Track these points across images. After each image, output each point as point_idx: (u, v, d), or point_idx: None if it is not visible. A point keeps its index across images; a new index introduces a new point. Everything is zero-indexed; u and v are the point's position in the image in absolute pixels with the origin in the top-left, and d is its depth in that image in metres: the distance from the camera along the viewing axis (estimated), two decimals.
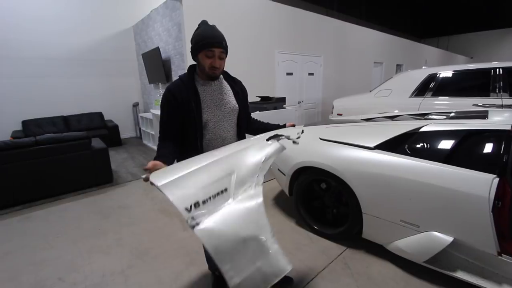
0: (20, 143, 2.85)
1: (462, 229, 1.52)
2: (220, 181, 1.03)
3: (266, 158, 1.15)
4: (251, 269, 0.96)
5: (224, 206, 1.00)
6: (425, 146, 1.73)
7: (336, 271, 1.80)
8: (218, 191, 1.01)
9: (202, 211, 0.95)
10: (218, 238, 0.94)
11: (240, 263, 0.95)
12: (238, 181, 1.07)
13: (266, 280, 0.98)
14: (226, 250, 0.94)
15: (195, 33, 1.19)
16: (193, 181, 0.99)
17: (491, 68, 3.35)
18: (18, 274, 1.85)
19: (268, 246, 1.01)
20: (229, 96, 1.33)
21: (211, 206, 0.97)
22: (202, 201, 0.96)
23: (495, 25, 14.67)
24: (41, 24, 4.92)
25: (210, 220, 0.95)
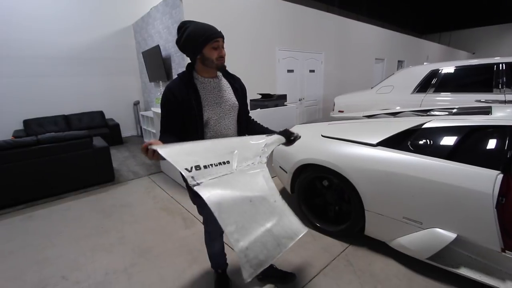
0: (21, 142, 2.85)
1: (466, 225, 1.51)
2: (223, 155, 1.02)
3: (267, 144, 1.19)
4: (260, 232, 0.88)
5: (226, 174, 0.97)
6: (428, 142, 1.72)
7: (339, 268, 1.80)
8: (220, 161, 0.99)
9: (203, 173, 0.92)
10: (221, 196, 0.89)
11: (246, 224, 0.87)
12: (240, 158, 1.06)
13: (279, 244, 0.89)
14: (230, 208, 0.87)
15: (189, 32, 1.16)
16: (195, 151, 0.98)
17: (494, 64, 3.32)
18: (22, 273, 1.86)
19: (280, 207, 0.94)
20: (228, 93, 1.33)
21: (213, 171, 0.95)
22: (204, 165, 0.94)
23: (497, 20, 14.54)
24: (41, 23, 4.90)
25: (212, 183, 0.91)
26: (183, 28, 1.19)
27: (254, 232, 0.88)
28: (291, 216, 0.97)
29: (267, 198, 0.96)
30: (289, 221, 0.96)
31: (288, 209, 0.98)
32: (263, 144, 1.17)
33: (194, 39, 1.15)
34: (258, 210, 0.92)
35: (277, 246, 0.89)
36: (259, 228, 0.90)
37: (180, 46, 1.21)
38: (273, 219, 0.93)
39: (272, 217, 0.93)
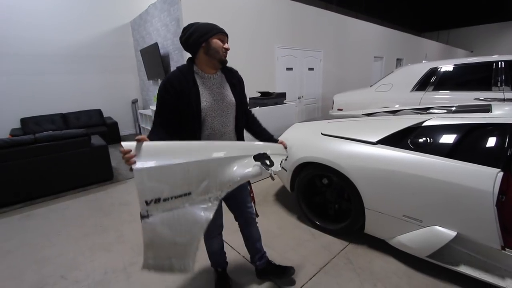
0: (19, 141, 2.83)
1: (465, 223, 1.51)
2: (190, 184, 1.09)
3: (240, 179, 1.18)
4: (165, 261, 1.11)
5: (179, 208, 1.08)
6: (428, 140, 1.72)
7: (339, 266, 1.80)
8: (183, 193, 1.08)
9: (158, 208, 1.03)
10: (158, 235, 1.05)
11: (161, 255, 1.09)
12: (204, 189, 1.12)
13: (170, 269, 1.13)
14: (158, 245, 1.07)
15: (195, 28, 1.19)
16: (168, 176, 1.03)
17: (493, 62, 3.32)
18: (20, 273, 1.85)
19: (190, 253, 1.13)
20: (227, 90, 1.31)
21: (168, 205, 1.05)
22: (164, 198, 1.04)
23: (495, 18, 14.57)
24: (39, 20, 4.85)
25: (160, 218, 1.04)
26: (190, 27, 1.21)
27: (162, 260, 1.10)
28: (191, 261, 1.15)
29: (189, 246, 1.12)
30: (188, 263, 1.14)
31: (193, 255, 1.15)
32: (237, 179, 1.18)
33: (203, 29, 1.18)
34: (175, 250, 1.11)
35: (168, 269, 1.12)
36: (166, 259, 1.11)
37: (184, 39, 1.21)
38: (179, 257, 1.12)
39: (179, 256, 1.12)
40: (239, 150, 1.22)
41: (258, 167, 1.22)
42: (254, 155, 1.25)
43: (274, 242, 2.08)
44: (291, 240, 2.10)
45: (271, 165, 1.28)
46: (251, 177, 1.21)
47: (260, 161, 1.24)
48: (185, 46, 1.24)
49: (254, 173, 1.21)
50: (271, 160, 1.30)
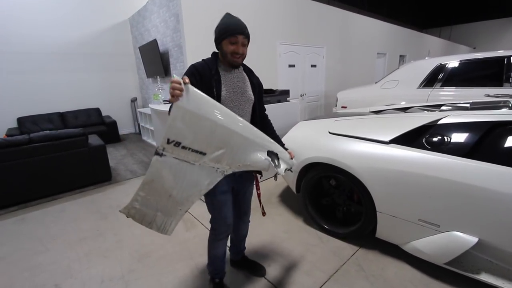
0: (13, 141, 2.72)
1: (487, 228, 1.40)
2: (209, 145, 1.08)
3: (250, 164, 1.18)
4: (150, 210, 1.13)
5: (189, 162, 1.09)
6: (445, 139, 1.61)
7: (350, 274, 1.69)
8: (199, 151, 1.08)
9: (175, 150, 1.05)
10: (161, 178, 1.08)
11: (150, 201, 1.11)
12: (217, 157, 1.11)
13: (149, 223, 1.16)
14: (154, 189, 1.09)
15: (220, 23, 1.22)
16: (197, 127, 1.04)
17: (505, 57, 3.20)
18: (12, 281, 1.74)
19: (176, 214, 1.16)
20: (247, 86, 1.34)
21: (183, 154, 1.07)
22: (183, 146, 1.05)
23: (498, 14, 14.37)
24: (34, 17, 4.73)
25: (170, 162, 1.07)
26: (221, 19, 1.24)
27: (148, 208, 1.13)
28: (174, 223, 1.20)
29: (179, 205, 1.15)
30: (169, 223, 1.19)
31: (178, 218, 1.19)
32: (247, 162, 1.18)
33: (219, 30, 1.21)
34: (165, 203, 1.13)
35: (147, 223, 1.18)
36: (152, 210, 1.14)
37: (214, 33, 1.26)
38: (164, 214, 1.15)
39: (165, 212, 1.15)
40: (259, 138, 1.22)
41: (268, 161, 1.21)
42: (268, 150, 1.24)
43: (280, 246, 1.98)
44: (298, 245, 1.99)
45: (278, 166, 1.27)
46: (259, 168, 1.22)
47: (271, 157, 1.24)
48: None
49: (263, 165, 1.21)
50: (279, 162, 1.27)
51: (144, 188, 1.09)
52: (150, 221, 1.15)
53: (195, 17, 3.77)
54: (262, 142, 1.22)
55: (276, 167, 1.25)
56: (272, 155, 1.25)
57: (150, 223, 1.15)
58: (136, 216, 1.14)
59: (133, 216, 1.13)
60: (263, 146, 1.22)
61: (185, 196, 1.13)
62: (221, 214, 1.36)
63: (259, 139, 1.21)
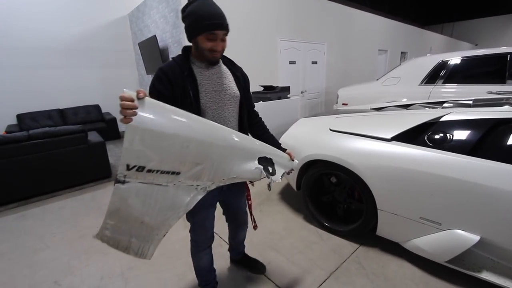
0: (12, 137, 2.71)
1: (490, 227, 1.39)
2: (183, 162, 0.93)
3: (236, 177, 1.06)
4: (124, 237, 0.99)
5: (161, 185, 0.94)
6: (447, 136, 1.59)
7: (350, 271, 1.69)
8: (171, 171, 0.93)
9: (138, 177, 0.89)
10: (127, 207, 0.92)
11: (121, 229, 0.97)
12: (196, 174, 0.97)
13: (125, 248, 1.02)
14: (122, 217, 0.94)
15: (190, 10, 1.00)
16: (163, 146, 0.87)
17: (507, 53, 3.16)
18: (12, 278, 1.74)
19: (153, 239, 1.03)
20: (229, 81, 1.16)
21: (150, 178, 0.91)
22: (148, 169, 0.88)
23: (499, 11, 14.26)
24: (33, 12, 4.69)
25: (136, 188, 0.91)
26: (186, 7, 1.04)
27: (121, 235, 0.98)
28: (151, 249, 1.06)
29: (154, 231, 1.01)
30: (147, 249, 1.05)
31: (155, 244, 1.05)
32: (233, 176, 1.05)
33: (192, 22, 1.01)
34: (138, 230, 0.99)
35: (123, 248, 1.02)
36: (126, 236, 0.99)
37: (183, 21, 1.06)
38: (140, 240, 1.02)
39: (141, 239, 1.01)
40: (246, 145, 1.08)
41: (259, 171, 1.09)
42: (259, 156, 1.11)
43: (280, 244, 1.97)
44: (298, 242, 1.99)
45: (273, 173, 1.15)
46: (248, 178, 1.10)
47: (263, 165, 1.11)
48: None
49: (253, 175, 1.09)
50: (274, 168, 1.16)
51: (111, 217, 0.94)
52: (125, 246, 1.02)
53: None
54: (252, 148, 1.09)
55: (269, 174, 1.13)
56: (265, 161, 1.12)
57: (126, 249, 1.03)
58: (110, 242, 1.00)
59: (107, 242, 1.00)
60: (252, 153, 1.09)
61: (159, 220, 0.99)
62: (202, 227, 1.27)
63: (247, 146, 1.08)
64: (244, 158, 1.06)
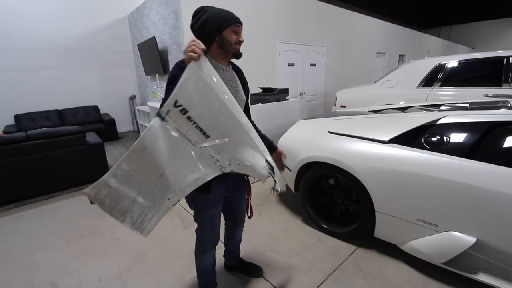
0: (10, 138, 2.70)
1: (486, 229, 1.41)
2: (214, 127, 0.97)
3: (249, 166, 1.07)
4: (129, 193, 0.91)
5: (190, 142, 0.95)
6: (444, 139, 1.61)
7: (348, 273, 1.69)
8: (203, 129, 0.95)
9: (177, 120, 0.90)
10: (154, 146, 0.89)
11: (131, 180, 0.89)
12: (219, 146, 1.00)
13: (122, 213, 0.92)
14: (142, 162, 0.88)
15: (207, 16, 1.09)
16: (206, 100, 0.93)
17: (503, 57, 3.20)
18: (8, 279, 1.73)
19: (162, 204, 0.95)
20: (239, 86, 1.24)
21: (186, 128, 0.92)
22: (188, 116, 0.91)
23: (497, 15, 14.37)
24: (32, 13, 4.69)
25: (170, 132, 0.90)
26: (201, 12, 1.11)
27: (127, 192, 0.91)
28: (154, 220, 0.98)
29: (168, 193, 0.95)
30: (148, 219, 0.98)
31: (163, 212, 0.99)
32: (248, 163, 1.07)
33: (216, 21, 1.08)
34: (151, 187, 0.93)
35: (118, 212, 0.93)
36: (133, 193, 0.92)
37: (196, 28, 1.11)
38: (147, 202, 0.95)
39: (148, 203, 0.95)
40: (259, 143, 1.12)
41: (266, 170, 1.11)
42: (266, 158, 1.13)
43: (279, 246, 1.98)
44: (296, 244, 1.99)
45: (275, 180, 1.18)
46: (257, 174, 1.11)
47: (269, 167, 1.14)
48: (196, 35, 1.13)
49: (262, 172, 1.10)
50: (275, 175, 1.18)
51: (131, 159, 0.86)
52: (124, 210, 0.90)
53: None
54: (262, 148, 1.13)
55: (274, 179, 1.16)
56: (270, 165, 1.15)
57: (123, 214, 0.90)
58: (105, 201, 0.88)
59: (102, 201, 0.88)
60: (262, 152, 1.12)
61: (179, 179, 0.93)
62: (211, 226, 1.30)
63: (259, 143, 1.12)
64: (257, 153, 1.10)
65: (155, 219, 0.95)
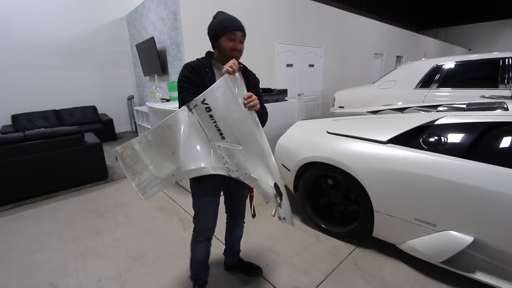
0: (7, 138, 2.69)
1: (483, 228, 1.42)
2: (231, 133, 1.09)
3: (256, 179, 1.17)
4: (145, 159, 1.05)
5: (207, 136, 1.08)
6: (442, 139, 1.62)
7: (347, 273, 1.70)
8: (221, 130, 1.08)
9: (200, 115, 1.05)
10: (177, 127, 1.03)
11: (150, 149, 1.04)
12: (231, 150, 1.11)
13: (134, 173, 1.06)
14: (164, 137, 1.04)
15: (215, 21, 1.21)
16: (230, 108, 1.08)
17: (500, 59, 3.23)
18: (8, 280, 1.73)
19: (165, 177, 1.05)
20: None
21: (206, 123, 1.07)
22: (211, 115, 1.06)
23: (493, 16, 14.51)
24: (30, 13, 4.67)
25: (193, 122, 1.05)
26: (214, 17, 1.23)
27: (143, 158, 1.06)
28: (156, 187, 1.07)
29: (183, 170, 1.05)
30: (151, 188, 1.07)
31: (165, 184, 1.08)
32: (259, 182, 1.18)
33: (215, 28, 1.19)
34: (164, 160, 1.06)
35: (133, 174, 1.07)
36: (147, 160, 1.06)
37: (207, 32, 1.25)
38: (156, 171, 1.06)
39: (157, 172, 1.06)
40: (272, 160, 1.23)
41: (272, 190, 1.21)
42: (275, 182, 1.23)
43: (278, 246, 1.98)
44: (296, 244, 2.00)
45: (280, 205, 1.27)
46: (262, 191, 1.19)
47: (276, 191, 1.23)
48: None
49: (266, 190, 1.19)
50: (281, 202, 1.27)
51: (156, 132, 1.03)
52: (136, 171, 1.05)
53: (193, 15, 3.75)
54: (275, 172, 1.22)
55: (279, 202, 1.25)
56: (278, 191, 1.23)
57: (134, 174, 1.05)
58: (127, 160, 1.03)
59: (124, 159, 1.03)
60: (272, 174, 1.21)
61: (186, 163, 1.04)
62: (204, 215, 1.34)
63: (272, 165, 1.21)
64: (267, 171, 1.20)
65: (156, 188, 1.06)
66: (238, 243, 1.67)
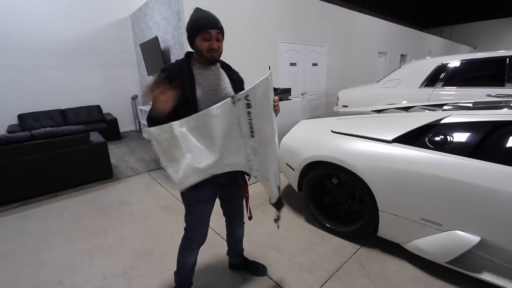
0: (15, 137, 2.72)
1: (490, 228, 1.41)
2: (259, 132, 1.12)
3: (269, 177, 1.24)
4: (183, 146, 1.02)
5: (241, 132, 1.10)
6: (448, 139, 1.61)
7: (351, 272, 1.70)
8: (252, 128, 1.10)
9: (239, 111, 1.05)
10: (220, 119, 1.04)
11: (193, 135, 1.03)
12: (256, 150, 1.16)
13: (170, 160, 1.04)
14: (206, 125, 1.04)
15: (189, 20, 1.16)
16: (264, 108, 1.11)
17: (506, 57, 3.19)
18: (16, 277, 1.75)
19: (202, 168, 1.05)
20: (225, 83, 1.25)
21: (242, 119, 1.07)
22: (248, 111, 1.06)
23: (499, 14, 14.33)
24: (35, 13, 4.71)
25: (231, 118, 1.06)
26: (190, 16, 1.17)
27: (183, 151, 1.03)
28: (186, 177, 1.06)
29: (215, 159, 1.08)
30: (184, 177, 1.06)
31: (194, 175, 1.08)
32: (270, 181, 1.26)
33: (189, 28, 1.15)
34: (202, 151, 1.06)
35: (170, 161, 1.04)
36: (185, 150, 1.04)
37: None
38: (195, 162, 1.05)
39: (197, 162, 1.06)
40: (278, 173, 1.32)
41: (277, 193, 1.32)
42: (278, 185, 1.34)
43: (282, 245, 1.99)
44: (300, 243, 2.00)
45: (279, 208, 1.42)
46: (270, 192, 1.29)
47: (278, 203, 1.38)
48: None
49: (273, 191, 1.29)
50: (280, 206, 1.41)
51: (199, 119, 1.02)
52: (172, 158, 1.02)
53: None
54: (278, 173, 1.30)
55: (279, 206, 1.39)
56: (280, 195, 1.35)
57: (171, 161, 1.02)
58: (163, 143, 0.99)
59: (160, 142, 0.99)
60: (277, 176, 1.29)
61: (224, 155, 1.07)
62: (199, 223, 1.31)
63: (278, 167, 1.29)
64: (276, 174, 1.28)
65: (194, 178, 1.05)
66: (240, 243, 1.67)
